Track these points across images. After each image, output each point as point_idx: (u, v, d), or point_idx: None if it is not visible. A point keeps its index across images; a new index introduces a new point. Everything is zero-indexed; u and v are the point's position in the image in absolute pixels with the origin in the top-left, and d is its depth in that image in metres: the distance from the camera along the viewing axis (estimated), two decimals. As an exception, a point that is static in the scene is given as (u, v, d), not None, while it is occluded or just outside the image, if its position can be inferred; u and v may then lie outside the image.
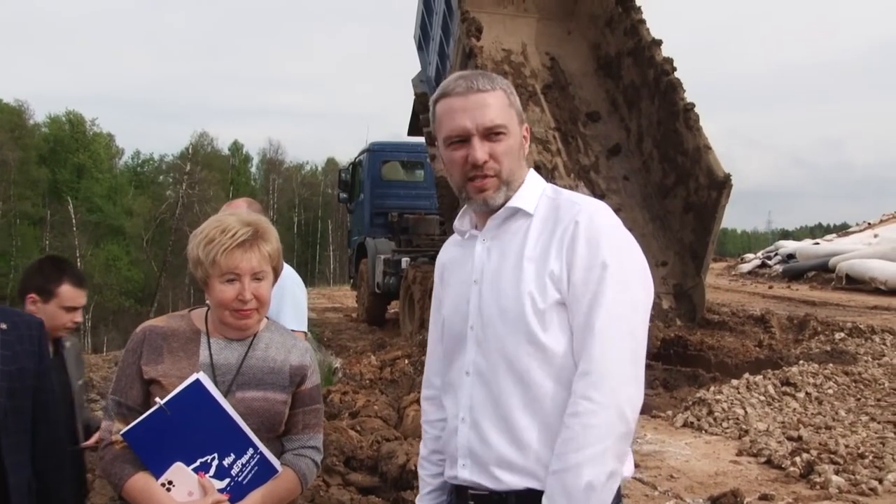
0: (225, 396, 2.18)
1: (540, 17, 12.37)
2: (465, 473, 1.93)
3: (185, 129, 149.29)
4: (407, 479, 5.22)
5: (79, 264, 51.04)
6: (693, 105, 10.46)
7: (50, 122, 63.24)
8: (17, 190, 54.31)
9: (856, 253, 19.62)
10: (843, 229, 38.14)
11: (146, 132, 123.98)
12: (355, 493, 5.16)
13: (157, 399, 2.13)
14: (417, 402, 7.05)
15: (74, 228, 53.25)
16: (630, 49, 11.44)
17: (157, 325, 2.32)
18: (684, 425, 7.07)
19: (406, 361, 9.38)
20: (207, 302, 2.35)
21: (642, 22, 11.31)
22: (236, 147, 73.99)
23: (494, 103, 1.94)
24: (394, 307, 15.92)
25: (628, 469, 1.89)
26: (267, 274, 2.26)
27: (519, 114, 2.00)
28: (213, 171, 63.29)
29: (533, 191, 2.00)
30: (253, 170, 76.65)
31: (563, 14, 12.44)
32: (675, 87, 10.62)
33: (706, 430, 6.90)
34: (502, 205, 1.97)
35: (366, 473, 5.56)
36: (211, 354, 2.25)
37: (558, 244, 1.87)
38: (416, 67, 14.02)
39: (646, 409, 7.52)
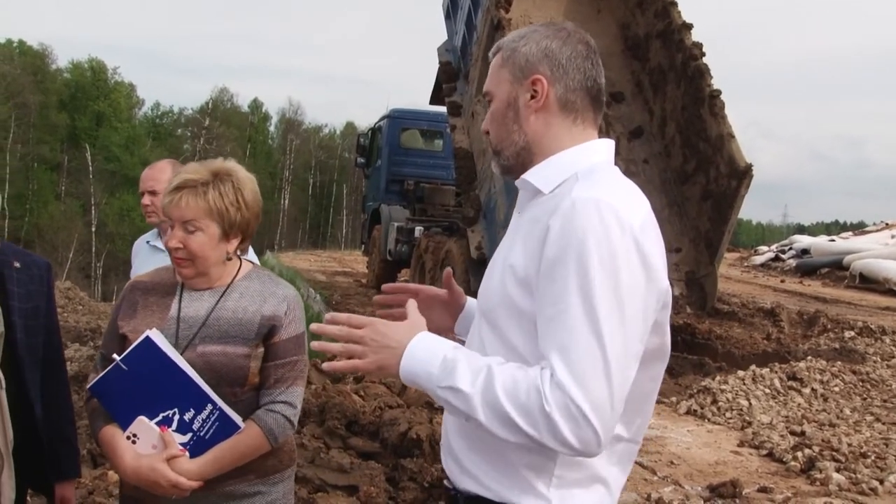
0: (186, 350, 2.16)
1: (570, -7, 12.22)
2: (441, 450, 1.83)
3: (206, 86, 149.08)
4: (407, 447, 5.23)
5: (93, 212, 51.50)
6: (719, 92, 10.33)
7: (72, 68, 63.31)
8: (36, 134, 54.57)
9: (871, 252, 19.49)
10: (859, 228, 37.86)
11: (167, 85, 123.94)
12: (355, 457, 5.18)
13: (115, 356, 2.15)
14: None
15: (91, 176, 53.52)
16: (659, 31, 11.29)
17: (141, 279, 2.35)
18: (687, 412, 7.07)
19: (413, 330, 9.38)
20: None
21: (674, 4, 11.14)
22: (256, 105, 74.02)
23: (490, 69, 1.77)
24: (404, 275, 15.94)
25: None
26: (204, 226, 2.17)
27: (516, 68, 1.70)
28: (232, 128, 63.50)
29: (563, 166, 1.67)
30: (271, 129, 76.68)
31: (593, -9, 12.28)
32: (703, 73, 10.48)
33: (709, 419, 6.90)
34: (504, 174, 1.79)
35: (367, 438, 5.57)
36: (180, 307, 2.24)
37: (536, 238, 1.58)
38: (442, 36, 13.90)
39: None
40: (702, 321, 10.09)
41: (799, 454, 5.76)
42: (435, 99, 14.92)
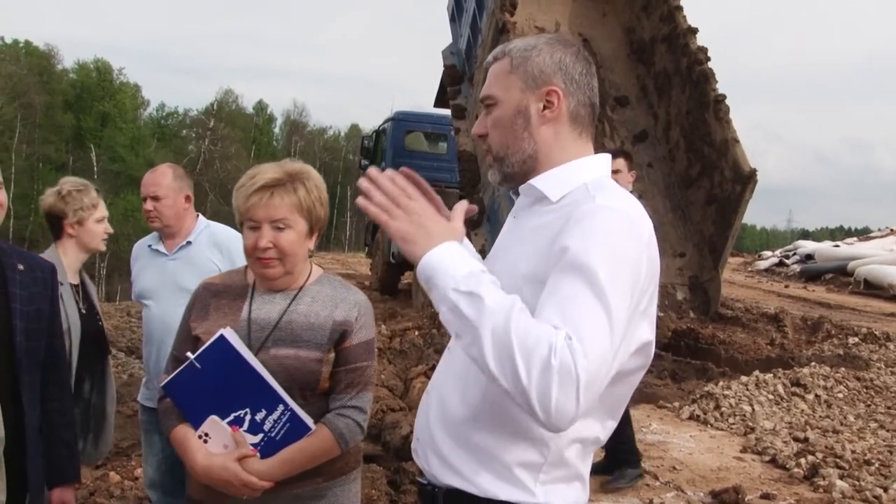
0: (258, 352, 2.17)
1: (575, -3, 12.22)
2: (415, 453, 1.85)
3: (211, 87, 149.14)
4: (409, 450, 5.21)
5: (97, 212, 51.57)
6: (724, 97, 10.33)
7: (78, 69, 63.32)
8: (41, 134, 54.60)
9: (876, 258, 19.45)
10: (864, 233, 37.81)
11: (172, 86, 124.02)
12: (357, 459, 5.17)
13: (189, 354, 2.17)
14: (425, 374, 7.06)
15: (95, 176, 53.47)
16: (665, 35, 11.29)
17: (212, 282, 2.37)
18: (690, 418, 7.04)
19: (416, 333, 9.39)
20: None
21: (679, 9, 11.15)
22: (261, 106, 74.00)
23: (493, 73, 1.78)
24: (407, 278, 15.93)
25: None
26: (293, 223, 2.19)
27: (528, 77, 1.72)
28: (237, 129, 63.49)
29: (571, 177, 1.72)
30: (276, 130, 76.71)
31: (599, -5, 12.28)
32: (708, 78, 10.49)
33: (712, 425, 6.88)
34: (501, 182, 1.80)
35: (368, 441, 5.57)
36: (251, 310, 2.25)
37: (550, 241, 1.61)
38: (447, 38, 13.90)
39: (652, 399, 7.51)
40: (705, 326, 10.06)
41: (802, 461, 5.73)
42: (439, 101, 14.93)
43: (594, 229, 1.54)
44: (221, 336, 2.14)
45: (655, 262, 1.64)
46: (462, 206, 1.74)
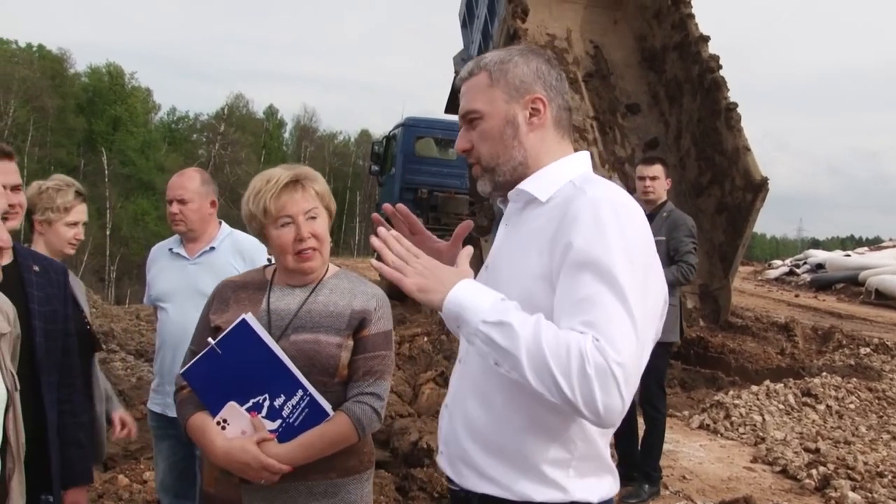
0: (279, 340, 2.21)
1: (587, 5, 12.22)
2: (442, 461, 1.90)
3: (221, 91, 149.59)
4: (418, 457, 5.21)
5: (108, 216, 51.77)
6: (736, 105, 10.31)
7: (90, 73, 63.71)
8: (53, 137, 54.95)
9: (888, 268, 19.32)
10: (875, 243, 37.63)
11: (183, 90, 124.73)
12: (365, 465, 5.16)
13: (210, 339, 2.19)
14: (434, 380, 7.05)
15: (106, 180, 53.76)
16: (676, 43, 11.28)
17: (232, 279, 2.45)
18: (700, 427, 7.01)
19: (425, 339, 9.36)
20: (269, 257, 2.44)
21: (691, 17, 11.14)
22: (271, 111, 74.31)
23: (471, 88, 1.84)
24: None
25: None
26: (320, 212, 2.30)
27: (510, 88, 1.79)
28: (247, 134, 63.70)
29: (556, 176, 1.79)
30: (286, 135, 76.95)
31: (610, 3, 12.27)
32: (719, 86, 10.47)
33: (722, 434, 6.84)
34: (492, 192, 1.87)
35: (377, 447, 5.54)
36: (269, 301, 2.31)
37: (549, 240, 1.67)
38: (458, 45, 13.92)
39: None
40: (715, 335, 10.03)
41: (813, 472, 5.69)
42: (450, 107, 14.94)
43: (593, 223, 1.60)
44: (243, 320, 2.17)
45: (650, 236, 1.69)
46: (468, 251, 1.84)
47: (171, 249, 3.65)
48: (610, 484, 1.80)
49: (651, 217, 5.19)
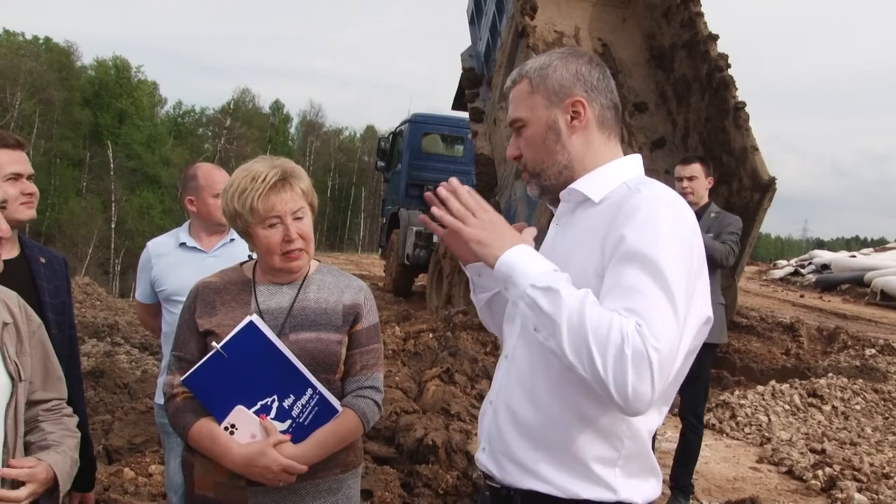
0: (279, 339, 2.19)
1: (596, 3, 12.17)
2: (483, 457, 1.89)
3: (228, 86, 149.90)
4: (423, 453, 5.20)
5: (113, 209, 51.86)
6: (744, 104, 10.25)
7: (96, 66, 63.78)
8: (59, 130, 55.03)
9: (893, 269, 19.25)
10: (880, 244, 37.51)
11: (189, 84, 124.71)
12: (370, 461, 5.15)
13: (214, 343, 2.16)
14: (439, 376, 7.04)
15: (112, 173, 53.90)
16: (685, 42, 11.22)
17: (210, 280, 2.37)
18: (705, 427, 6.97)
19: (430, 335, 9.35)
20: (250, 253, 2.40)
21: (700, 15, 11.07)
22: (277, 106, 74.31)
23: (515, 96, 1.88)
24: (421, 280, 15.91)
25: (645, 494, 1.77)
26: (306, 212, 2.28)
27: (550, 93, 1.82)
28: (253, 129, 63.77)
29: (610, 177, 1.80)
30: (292, 130, 77.00)
31: (619, 1, 12.22)
32: (728, 85, 10.41)
33: (727, 434, 6.83)
34: (540, 196, 1.90)
35: (382, 443, 5.55)
36: (258, 301, 2.28)
37: (602, 238, 1.69)
38: (466, 41, 13.88)
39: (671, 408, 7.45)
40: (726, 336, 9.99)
41: (819, 472, 5.68)
42: (457, 104, 14.91)
43: (647, 219, 1.63)
44: (251, 323, 2.14)
45: (702, 245, 1.72)
46: (532, 231, 1.83)
47: (183, 244, 3.63)
48: (654, 485, 1.80)
49: (697, 217, 5.08)
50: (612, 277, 1.62)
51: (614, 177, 1.80)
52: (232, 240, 3.59)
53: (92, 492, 2.73)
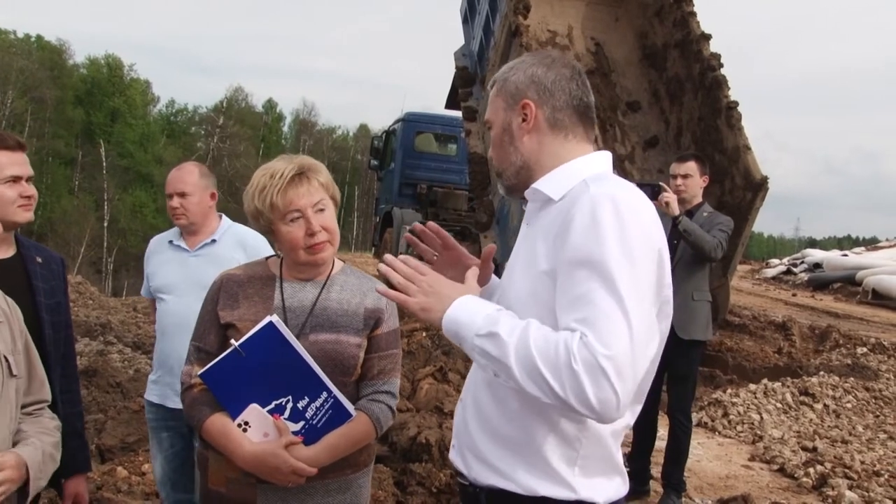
0: (298, 338, 2.19)
1: (589, 2, 12.18)
2: (453, 454, 1.92)
3: (221, 84, 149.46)
4: (416, 452, 5.21)
5: (105, 208, 51.72)
6: (736, 104, 10.27)
7: (89, 64, 63.59)
8: (51, 128, 54.83)
9: (885, 268, 19.36)
10: (872, 243, 37.69)
11: (182, 83, 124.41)
12: (364, 460, 5.16)
13: (233, 341, 2.16)
14: (433, 375, 7.05)
15: (104, 171, 53.72)
16: (678, 41, 11.24)
17: (234, 273, 2.38)
18: (698, 425, 7.01)
19: (424, 334, 9.36)
20: (277, 251, 2.40)
21: (693, 14, 11.09)
22: (270, 105, 74.19)
23: (489, 99, 1.93)
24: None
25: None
26: (327, 203, 2.28)
27: (507, 96, 1.86)
28: (246, 127, 63.64)
29: (570, 175, 1.79)
30: (285, 129, 76.86)
31: (612, 0, 12.24)
32: (721, 84, 10.43)
33: (720, 432, 6.86)
34: (507, 194, 1.94)
35: (375, 442, 5.55)
36: (283, 297, 2.27)
37: (553, 237, 1.69)
38: (459, 41, 13.88)
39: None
40: (713, 333, 10.02)
41: (811, 470, 5.71)
42: (451, 103, 14.89)
43: (589, 219, 1.62)
44: (270, 323, 2.14)
45: (660, 236, 1.69)
46: (473, 271, 1.85)
47: (171, 242, 3.66)
48: (618, 486, 1.80)
49: (689, 216, 5.10)
50: (562, 286, 1.62)
51: (575, 174, 1.80)
52: (214, 240, 3.59)
53: (85, 478, 2.73)
